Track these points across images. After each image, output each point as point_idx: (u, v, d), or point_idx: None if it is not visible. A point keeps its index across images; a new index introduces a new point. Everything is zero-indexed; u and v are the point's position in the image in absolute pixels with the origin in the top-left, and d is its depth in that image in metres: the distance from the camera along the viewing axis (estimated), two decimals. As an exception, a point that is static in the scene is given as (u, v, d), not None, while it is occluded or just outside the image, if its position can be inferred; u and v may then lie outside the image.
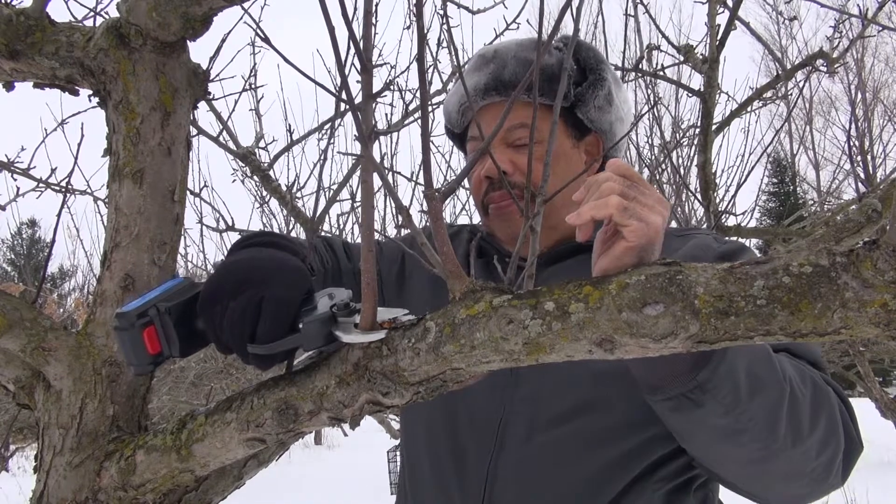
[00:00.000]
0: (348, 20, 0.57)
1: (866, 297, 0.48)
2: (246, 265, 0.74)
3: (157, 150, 0.93)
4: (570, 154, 1.07)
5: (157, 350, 0.71)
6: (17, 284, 8.77)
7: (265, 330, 0.67)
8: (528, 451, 0.94)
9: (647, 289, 0.55)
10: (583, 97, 1.05)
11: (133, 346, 0.71)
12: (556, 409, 0.94)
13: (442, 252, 0.63)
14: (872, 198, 0.54)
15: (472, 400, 0.99)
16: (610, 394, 0.92)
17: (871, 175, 9.20)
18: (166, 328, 0.72)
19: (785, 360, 0.79)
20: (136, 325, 0.70)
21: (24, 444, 10.54)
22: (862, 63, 10.64)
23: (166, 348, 0.72)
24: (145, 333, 0.71)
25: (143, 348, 0.71)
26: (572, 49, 0.78)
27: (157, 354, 0.72)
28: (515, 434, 0.95)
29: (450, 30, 1.04)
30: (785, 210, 16.95)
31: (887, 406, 7.34)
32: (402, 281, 1.16)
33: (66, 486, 0.84)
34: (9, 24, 0.90)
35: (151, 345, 0.71)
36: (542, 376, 0.96)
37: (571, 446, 0.93)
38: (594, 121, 1.06)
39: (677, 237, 1.03)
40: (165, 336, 0.72)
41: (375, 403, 0.65)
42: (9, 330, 0.85)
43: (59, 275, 17.60)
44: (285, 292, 0.69)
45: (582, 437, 0.93)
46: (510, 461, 0.95)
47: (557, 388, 0.95)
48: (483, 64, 1.06)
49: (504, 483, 0.95)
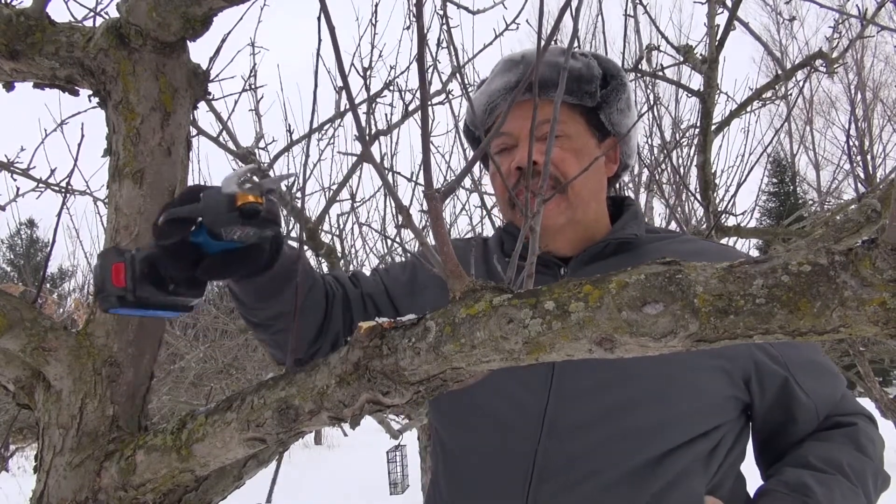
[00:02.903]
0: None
1: (865, 295, 0.48)
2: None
3: (157, 150, 0.93)
4: (594, 153, 1.11)
5: (121, 284, 0.77)
6: (16, 285, 8.77)
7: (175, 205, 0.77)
8: (574, 444, 0.97)
9: (646, 288, 0.55)
10: (607, 99, 1.10)
11: (102, 275, 0.78)
12: (604, 405, 0.97)
13: (442, 252, 0.63)
14: (872, 198, 0.54)
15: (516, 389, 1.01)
16: (664, 389, 0.97)
17: (870, 175, 9.21)
18: (133, 269, 0.78)
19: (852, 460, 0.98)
20: (108, 257, 0.78)
21: (24, 444, 10.54)
22: (862, 63, 10.65)
23: (130, 287, 0.77)
24: (114, 267, 0.77)
25: (109, 280, 0.78)
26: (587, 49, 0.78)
27: (121, 288, 0.77)
28: (563, 423, 0.97)
29: (450, 30, 1.04)
30: (785, 210, 16.95)
31: (887, 406, 7.34)
32: (414, 291, 1.17)
33: (67, 485, 0.84)
34: (9, 24, 0.90)
35: (117, 279, 0.77)
36: (587, 370, 0.98)
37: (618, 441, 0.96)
38: (615, 124, 1.11)
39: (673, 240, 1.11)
40: (132, 276, 0.77)
41: (375, 403, 0.65)
42: (9, 330, 0.85)
43: (59, 275, 17.60)
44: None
45: (631, 432, 0.96)
46: (557, 453, 0.97)
47: (606, 382, 0.98)
48: (512, 66, 1.11)
49: (551, 474, 0.97)
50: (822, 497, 0.91)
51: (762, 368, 0.99)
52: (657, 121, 3.90)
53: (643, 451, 0.95)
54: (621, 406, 0.96)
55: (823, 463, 0.96)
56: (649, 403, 0.96)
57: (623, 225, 1.10)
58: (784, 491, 0.93)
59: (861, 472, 0.96)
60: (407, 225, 0.66)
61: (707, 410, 0.98)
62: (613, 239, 1.07)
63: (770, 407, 1.01)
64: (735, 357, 0.98)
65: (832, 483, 0.93)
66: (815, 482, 0.93)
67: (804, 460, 0.97)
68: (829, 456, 0.97)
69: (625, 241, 1.07)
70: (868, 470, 0.98)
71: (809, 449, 0.99)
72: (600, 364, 0.92)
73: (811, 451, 0.99)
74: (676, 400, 0.96)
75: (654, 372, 0.96)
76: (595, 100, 1.09)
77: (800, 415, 1.02)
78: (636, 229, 1.09)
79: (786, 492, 0.93)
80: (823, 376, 1.04)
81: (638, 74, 3.02)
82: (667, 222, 4.28)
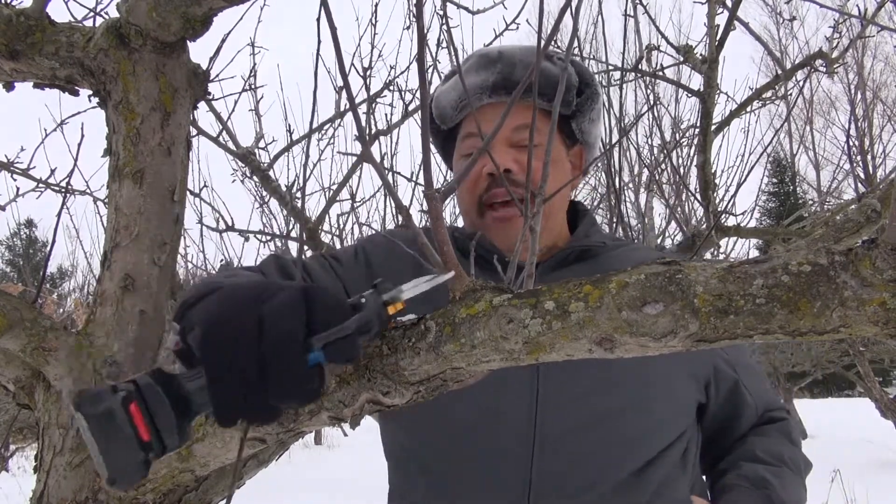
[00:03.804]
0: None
1: (865, 295, 0.48)
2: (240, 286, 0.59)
3: (157, 150, 0.93)
4: (563, 161, 1.11)
5: (148, 437, 0.51)
6: (15, 284, 8.76)
7: (325, 310, 0.55)
8: (565, 459, 0.96)
9: (646, 288, 0.55)
10: (581, 108, 1.08)
11: (114, 436, 0.49)
12: (590, 417, 0.97)
13: (442, 252, 0.63)
14: (872, 198, 0.54)
15: (501, 400, 0.98)
16: (647, 396, 0.99)
17: (870, 175, 9.20)
18: (154, 402, 0.51)
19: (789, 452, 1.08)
20: (115, 398, 0.50)
21: (24, 444, 10.54)
22: (862, 63, 10.64)
23: (158, 434, 0.51)
24: (132, 408, 0.50)
25: (132, 436, 0.50)
26: (569, 54, 0.78)
27: (147, 444, 0.51)
28: (553, 434, 0.96)
29: (450, 30, 1.04)
30: (785, 210, 16.95)
31: (887, 406, 7.34)
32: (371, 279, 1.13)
33: (67, 485, 0.84)
34: (9, 24, 0.90)
35: (142, 428, 0.50)
36: (572, 378, 0.98)
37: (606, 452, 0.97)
38: (584, 132, 1.11)
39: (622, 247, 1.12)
40: (153, 415, 0.51)
41: (376, 403, 0.65)
42: (9, 330, 0.85)
43: (59, 275, 17.61)
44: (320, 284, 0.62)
45: (617, 442, 0.97)
46: (552, 460, 0.96)
47: (593, 389, 0.98)
48: (488, 63, 1.07)
49: (548, 480, 0.96)
50: (778, 488, 1.01)
51: (719, 372, 1.07)
52: (657, 121, 3.91)
53: (630, 461, 0.97)
54: (606, 417, 0.97)
55: (770, 456, 1.06)
56: (632, 412, 0.98)
57: (585, 232, 1.11)
58: (746, 485, 1.02)
59: (796, 461, 1.08)
60: (407, 224, 0.66)
61: (680, 415, 1.03)
62: (580, 246, 1.07)
63: (721, 407, 1.09)
64: (700, 362, 1.04)
65: (782, 474, 1.04)
66: (770, 475, 1.03)
67: (753, 455, 1.07)
68: (773, 450, 1.08)
69: (586, 249, 1.08)
70: (800, 459, 1.10)
71: (755, 444, 1.09)
72: (584, 375, 0.96)
73: (757, 445, 1.08)
74: (656, 407, 1.00)
75: (635, 380, 0.98)
76: (571, 108, 1.07)
77: (744, 413, 1.11)
78: (600, 237, 1.11)
79: (748, 486, 1.02)
80: (759, 377, 1.15)
81: (638, 74, 3.02)
82: (667, 222, 4.28)
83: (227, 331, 0.52)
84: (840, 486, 5.62)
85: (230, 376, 0.51)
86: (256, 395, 0.52)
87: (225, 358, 0.52)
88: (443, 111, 1.11)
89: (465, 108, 1.08)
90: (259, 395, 0.52)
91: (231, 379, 0.51)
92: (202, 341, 0.53)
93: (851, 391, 20.69)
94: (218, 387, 0.52)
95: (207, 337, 0.53)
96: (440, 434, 1.01)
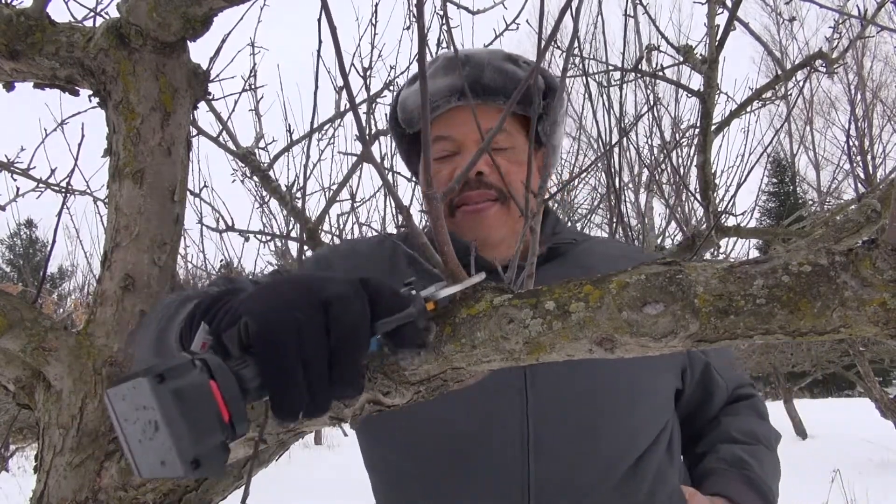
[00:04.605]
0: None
1: (865, 295, 0.48)
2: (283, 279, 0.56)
3: (157, 150, 0.93)
4: (532, 164, 1.10)
5: (228, 418, 0.47)
6: (14, 284, 8.76)
7: (388, 297, 0.54)
8: (562, 463, 0.96)
9: (647, 288, 0.55)
10: (547, 112, 1.10)
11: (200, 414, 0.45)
12: (581, 417, 0.98)
13: (442, 252, 0.63)
14: (872, 198, 0.54)
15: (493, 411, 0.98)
16: (633, 394, 1.01)
17: (870, 175, 9.20)
18: (227, 384, 0.47)
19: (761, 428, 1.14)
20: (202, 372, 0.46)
21: (24, 444, 10.54)
22: (861, 63, 10.64)
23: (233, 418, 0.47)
24: (213, 385, 0.46)
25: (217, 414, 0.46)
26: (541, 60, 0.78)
27: (228, 426, 0.47)
28: (546, 440, 0.96)
29: (450, 30, 1.04)
30: (785, 210, 16.96)
31: (887, 406, 7.34)
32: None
33: (67, 485, 0.84)
34: (9, 24, 0.90)
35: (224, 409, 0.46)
36: (560, 384, 0.99)
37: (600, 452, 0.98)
38: (549, 135, 1.12)
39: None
40: (227, 398, 0.47)
41: (376, 403, 0.65)
42: (9, 330, 0.85)
43: (59, 275, 17.61)
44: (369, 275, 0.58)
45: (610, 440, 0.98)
46: (548, 466, 0.96)
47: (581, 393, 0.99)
48: (455, 66, 1.07)
49: (546, 486, 0.96)
50: (755, 466, 1.07)
51: (692, 358, 1.12)
52: (657, 121, 3.91)
53: (624, 459, 0.98)
54: (597, 419, 0.98)
55: (744, 435, 1.12)
56: (621, 411, 1.00)
57: (552, 230, 1.12)
58: (725, 467, 1.07)
59: (768, 436, 1.14)
60: (407, 224, 0.65)
61: (663, 406, 1.06)
62: (550, 245, 1.08)
63: (694, 390, 1.14)
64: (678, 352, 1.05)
65: (757, 452, 1.10)
66: (746, 455, 1.08)
67: (728, 435, 1.12)
68: (746, 428, 1.13)
69: (555, 247, 1.09)
70: (771, 434, 1.16)
71: (729, 425, 1.14)
72: (571, 380, 0.98)
73: (731, 426, 1.13)
74: (642, 402, 1.02)
75: (621, 380, 1.00)
76: (539, 111, 1.09)
77: (716, 394, 1.16)
78: (568, 233, 1.13)
79: (726, 467, 1.07)
80: (727, 358, 1.21)
81: (638, 74, 3.02)
82: (667, 222, 4.28)
83: (288, 320, 0.49)
84: (840, 486, 5.62)
85: (294, 366, 0.49)
86: (323, 388, 0.50)
87: (291, 347, 0.49)
88: (409, 115, 1.11)
89: (433, 110, 1.07)
90: (326, 388, 0.50)
91: (295, 370, 0.49)
92: (259, 334, 0.49)
93: (851, 391, 20.69)
94: (281, 379, 0.49)
95: (267, 327, 0.49)
96: (433, 447, 1.00)
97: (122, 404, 0.47)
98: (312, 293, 0.51)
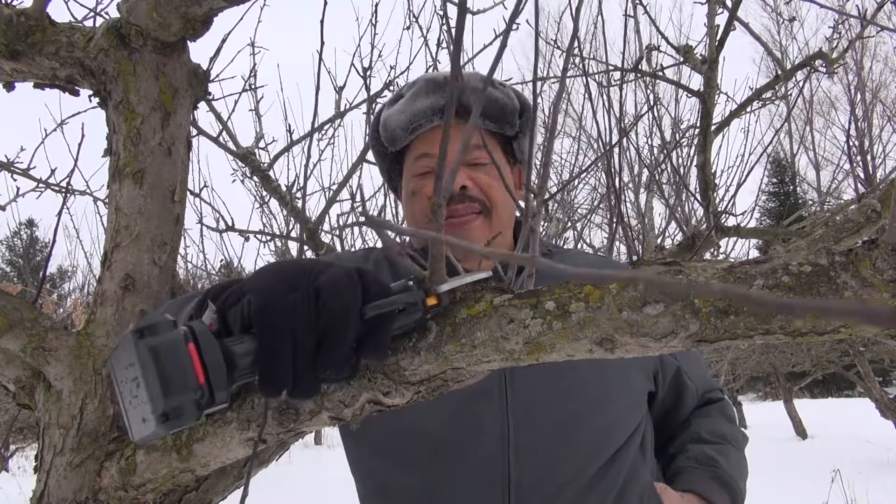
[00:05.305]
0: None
1: (865, 295, 0.48)
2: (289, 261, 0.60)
3: (157, 150, 0.93)
4: (510, 178, 1.18)
5: (203, 381, 0.48)
6: (13, 284, 8.76)
7: (378, 286, 0.57)
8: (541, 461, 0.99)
9: (647, 288, 0.55)
10: (522, 130, 1.17)
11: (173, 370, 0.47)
12: (559, 416, 1.01)
13: (438, 256, 0.63)
14: (872, 198, 0.54)
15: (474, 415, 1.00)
16: (608, 394, 1.05)
17: (870, 175, 9.20)
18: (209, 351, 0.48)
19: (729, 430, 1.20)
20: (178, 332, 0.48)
21: (24, 444, 10.54)
22: (861, 63, 10.64)
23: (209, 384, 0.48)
24: (191, 348, 0.48)
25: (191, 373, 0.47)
26: None
27: (203, 388, 0.48)
28: (526, 441, 0.99)
29: (450, 30, 1.03)
30: (784, 210, 16.96)
31: (887, 406, 7.34)
32: None
33: (67, 486, 0.84)
34: (9, 24, 0.90)
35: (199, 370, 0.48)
36: (538, 386, 1.02)
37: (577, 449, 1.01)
38: (523, 152, 1.18)
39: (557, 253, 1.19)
40: (206, 364, 0.48)
41: (376, 403, 0.65)
42: (9, 330, 0.85)
43: (59, 275, 17.61)
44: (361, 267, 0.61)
45: (586, 438, 1.02)
46: (528, 466, 0.99)
47: (558, 394, 1.02)
48: (436, 87, 1.13)
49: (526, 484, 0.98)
50: (724, 464, 1.12)
51: (664, 362, 1.17)
52: (657, 121, 3.91)
53: (599, 456, 1.01)
54: (574, 419, 1.02)
55: (713, 436, 1.17)
56: (596, 411, 1.03)
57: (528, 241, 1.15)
58: (695, 465, 1.12)
59: (736, 437, 1.20)
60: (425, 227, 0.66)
61: (636, 406, 1.10)
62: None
63: (666, 393, 1.19)
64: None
65: (726, 451, 1.15)
66: (715, 454, 1.13)
67: (698, 436, 1.17)
68: (715, 429, 1.19)
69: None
70: (739, 435, 1.21)
71: (700, 426, 1.19)
72: (548, 382, 1.04)
73: (702, 427, 1.19)
74: (616, 401, 1.06)
75: (596, 380, 1.04)
76: (514, 129, 1.16)
77: (686, 398, 1.21)
78: (542, 245, 1.17)
79: (697, 466, 1.12)
80: (697, 362, 1.26)
81: (638, 74, 3.02)
82: (667, 222, 4.28)
83: (285, 302, 0.52)
84: (840, 486, 5.62)
85: (284, 346, 0.51)
86: (308, 366, 0.53)
87: (283, 327, 0.52)
88: (392, 133, 1.16)
89: (416, 129, 1.13)
90: (310, 366, 0.53)
91: (285, 349, 0.52)
92: (258, 311, 0.52)
93: (851, 391, 20.68)
94: (270, 356, 0.52)
95: (264, 306, 0.52)
96: (416, 449, 1.02)
97: (118, 368, 0.50)
98: (311, 278, 0.55)
